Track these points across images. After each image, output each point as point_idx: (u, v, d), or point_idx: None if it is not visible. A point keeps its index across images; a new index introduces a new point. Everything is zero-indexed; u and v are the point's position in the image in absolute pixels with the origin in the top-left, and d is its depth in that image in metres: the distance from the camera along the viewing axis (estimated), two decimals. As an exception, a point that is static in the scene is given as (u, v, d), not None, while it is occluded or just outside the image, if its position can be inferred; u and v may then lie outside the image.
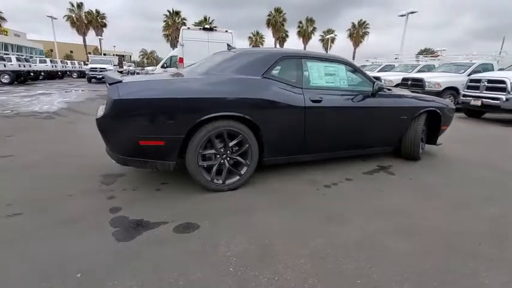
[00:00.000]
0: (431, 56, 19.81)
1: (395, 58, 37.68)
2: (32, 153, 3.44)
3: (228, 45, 3.23)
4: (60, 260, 1.58)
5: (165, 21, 41.85)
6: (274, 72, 2.68)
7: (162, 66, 13.62)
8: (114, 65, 17.95)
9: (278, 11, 41.07)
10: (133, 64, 37.62)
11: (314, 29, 43.65)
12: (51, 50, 41.27)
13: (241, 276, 1.51)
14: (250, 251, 1.73)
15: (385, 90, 3.29)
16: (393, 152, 3.74)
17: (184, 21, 41.28)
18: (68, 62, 26.03)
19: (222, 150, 2.49)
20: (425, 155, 3.91)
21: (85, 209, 2.16)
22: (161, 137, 2.23)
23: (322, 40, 46.42)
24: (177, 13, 41.25)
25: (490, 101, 6.96)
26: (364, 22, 43.22)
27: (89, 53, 41.30)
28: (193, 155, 2.34)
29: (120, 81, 2.13)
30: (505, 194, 2.76)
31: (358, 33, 43.47)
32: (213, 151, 2.45)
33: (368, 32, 43.62)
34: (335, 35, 44.08)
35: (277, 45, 43.54)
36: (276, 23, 40.34)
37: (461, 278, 1.57)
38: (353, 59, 42.18)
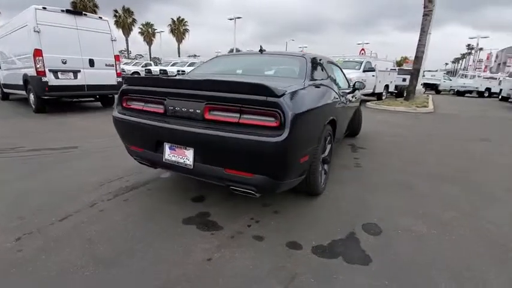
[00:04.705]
0: None
1: (216, 56, 42.71)
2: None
3: (261, 47, 2.98)
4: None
5: None
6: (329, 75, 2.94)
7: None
8: None
9: (84, -7, 33.90)
10: None
11: (134, 20, 39.96)
12: None
13: (466, 241, 1.96)
14: (431, 223, 2.15)
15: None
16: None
17: None
18: None
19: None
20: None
21: (258, 262, 1.65)
22: (309, 150, 2.02)
23: (142, 33, 43.57)
24: None
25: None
26: (183, 19, 44.68)
27: None
28: (319, 162, 2.28)
29: (286, 92, 1.71)
30: (437, 148, 4.59)
31: (179, 29, 44.37)
32: (322, 155, 2.46)
33: (188, 30, 45.60)
34: (157, 30, 42.71)
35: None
36: (86, 7, 33.24)
37: None
38: (178, 55, 43.00)
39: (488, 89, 19.87)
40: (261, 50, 3.01)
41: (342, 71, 3.86)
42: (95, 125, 5.35)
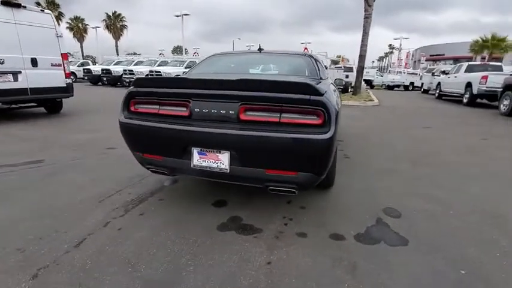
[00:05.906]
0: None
1: (160, 54, 40.98)
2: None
3: (260, 45, 2.93)
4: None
5: None
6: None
7: None
8: None
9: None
10: None
11: (60, 14, 35.11)
12: None
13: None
14: (433, 202, 2.45)
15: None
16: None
17: None
18: None
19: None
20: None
21: (315, 257, 1.69)
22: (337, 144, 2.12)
23: (71, 29, 38.74)
24: None
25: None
26: (120, 14, 41.05)
27: None
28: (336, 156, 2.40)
29: (326, 91, 1.75)
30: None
31: (115, 25, 40.69)
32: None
33: (126, 26, 42.15)
34: (89, 25, 38.53)
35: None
36: (-5, -3, 27.95)
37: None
38: (117, 53, 39.63)
39: (412, 83, 22.96)
40: (260, 49, 3.00)
41: (324, 69, 4.09)
42: (50, 134, 4.63)
